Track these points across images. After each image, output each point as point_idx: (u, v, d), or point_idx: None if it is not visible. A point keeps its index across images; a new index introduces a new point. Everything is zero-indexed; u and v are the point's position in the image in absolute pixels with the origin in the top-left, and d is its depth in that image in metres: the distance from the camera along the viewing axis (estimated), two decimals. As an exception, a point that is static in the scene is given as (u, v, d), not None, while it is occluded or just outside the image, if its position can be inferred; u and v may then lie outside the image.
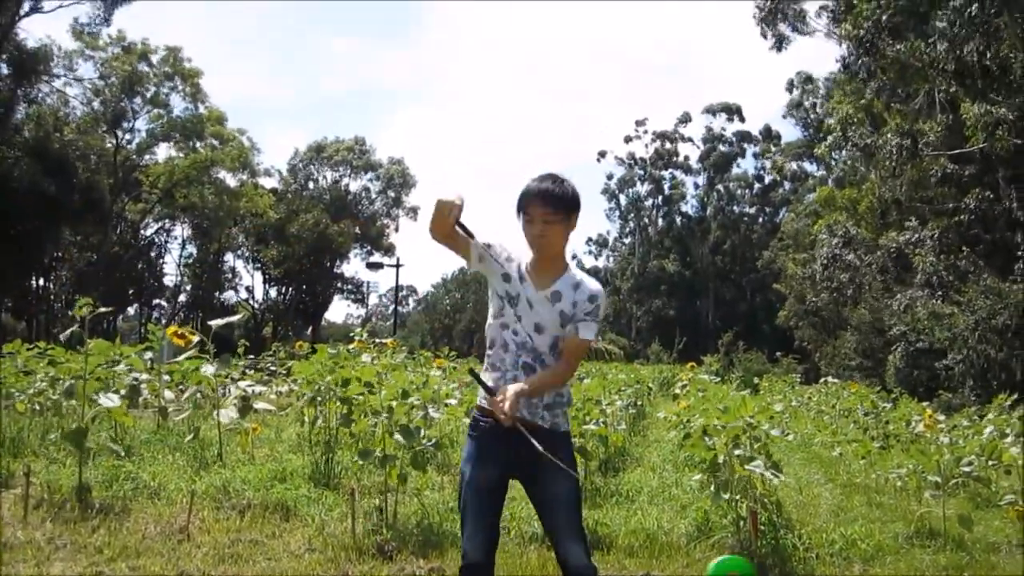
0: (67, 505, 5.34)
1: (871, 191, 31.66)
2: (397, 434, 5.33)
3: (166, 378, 8.71)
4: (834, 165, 42.90)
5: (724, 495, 5.34)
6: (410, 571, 4.64)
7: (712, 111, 69.87)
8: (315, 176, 59.62)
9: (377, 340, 10.30)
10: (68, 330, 5.93)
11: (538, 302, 3.12)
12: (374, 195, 60.12)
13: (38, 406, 8.06)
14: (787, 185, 66.83)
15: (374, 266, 49.59)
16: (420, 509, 5.75)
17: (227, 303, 54.83)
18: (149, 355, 8.20)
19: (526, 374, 3.08)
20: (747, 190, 70.42)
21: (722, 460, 5.54)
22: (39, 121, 36.85)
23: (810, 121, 59.61)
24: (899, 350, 23.74)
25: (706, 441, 5.93)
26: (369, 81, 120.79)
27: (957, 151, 23.84)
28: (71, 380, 6.12)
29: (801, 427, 14.48)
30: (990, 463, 7.69)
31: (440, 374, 10.39)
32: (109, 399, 5.81)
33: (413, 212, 59.80)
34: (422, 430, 5.60)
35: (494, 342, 3.18)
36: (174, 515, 5.31)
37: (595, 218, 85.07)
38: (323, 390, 6.95)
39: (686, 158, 71.02)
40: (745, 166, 70.63)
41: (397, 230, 60.41)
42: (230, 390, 7.79)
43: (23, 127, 36.56)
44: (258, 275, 57.90)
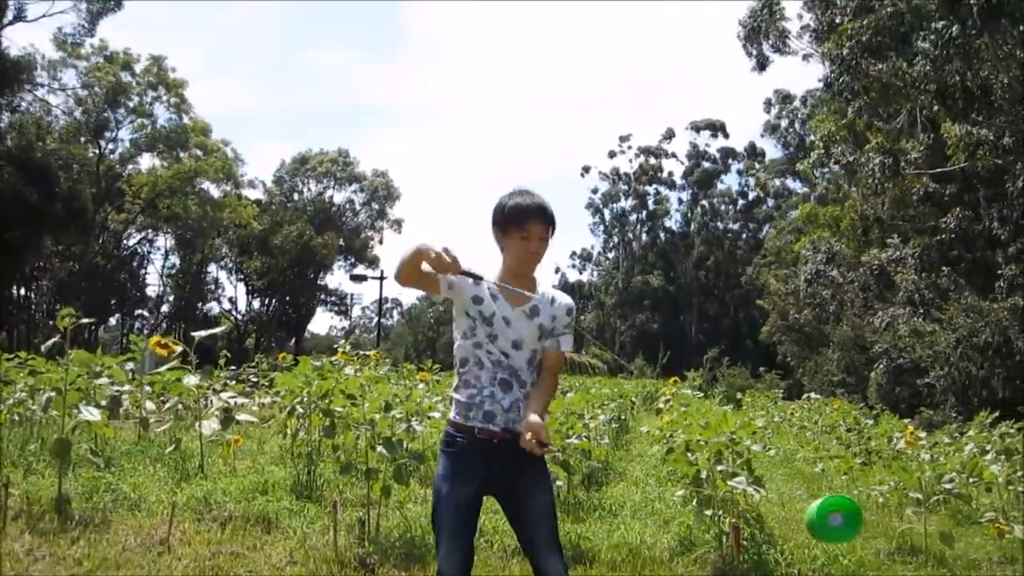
0: (46, 517, 5.28)
1: (853, 209, 31.92)
2: (380, 447, 5.32)
3: (147, 389, 8.65)
4: (817, 183, 43.22)
5: (707, 510, 5.36)
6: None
7: (696, 128, 70.39)
8: (299, 188, 59.54)
9: (360, 352, 10.27)
10: (50, 341, 5.88)
11: (515, 319, 3.14)
12: (358, 207, 60.09)
13: (17, 416, 7.98)
14: (771, 202, 67.30)
15: (358, 278, 49.43)
16: (402, 522, 5.72)
17: (210, 314, 54.57)
18: (131, 366, 8.14)
19: (503, 391, 3.09)
20: (731, 206, 70.85)
21: (705, 475, 5.56)
22: (21, 130, 36.63)
23: (789, 140, 60.15)
24: (881, 367, 23.89)
25: (689, 456, 5.95)
26: (354, 95, 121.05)
27: (939, 170, 24.08)
28: (50, 392, 6.07)
29: (784, 443, 14.53)
30: (971, 480, 7.74)
31: (423, 387, 10.37)
32: (90, 412, 5.76)
33: (397, 224, 59.83)
34: (405, 443, 5.59)
35: (467, 360, 3.18)
36: (154, 527, 5.26)
37: (579, 233, 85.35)
38: (306, 402, 6.91)
39: (670, 174, 71.49)
40: (729, 182, 71.08)
41: (381, 242, 60.38)
42: (212, 401, 7.74)
43: (5, 136, 36.31)
44: (241, 286, 57.73)
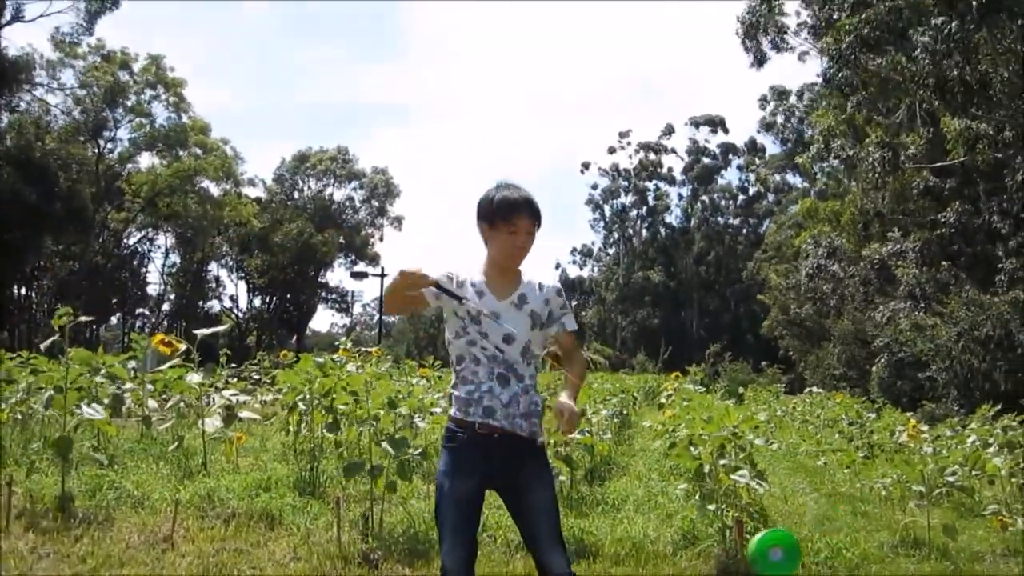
0: (50, 515, 5.30)
1: (853, 203, 31.91)
2: (384, 443, 5.32)
3: (150, 387, 8.65)
4: (817, 178, 43.19)
5: (710, 504, 5.36)
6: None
7: (696, 123, 70.30)
8: (299, 186, 59.50)
9: (362, 349, 10.27)
10: (48, 340, 5.88)
11: (504, 311, 3.14)
12: (358, 204, 60.05)
13: (20, 415, 7.99)
14: (771, 197, 67.26)
15: (359, 275, 49.38)
16: (406, 518, 5.73)
17: (211, 312, 54.54)
18: (132, 364, 8.15)
19: (501, 385, 3.09)
20: (731, 201, 70.81)
21: (707, 469, 5.56)
22: (20, 130, 36.58)
23: (787, 136, 60.16)
24: (883, 361, 23.89)
25: (691, 450, 5.95)
26: (354, 93, 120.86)
27: (938, 164, 24.07)
28: (50, 390, 6.08)
29: (786, 437, 14.54)
30: (973, 473, 7.75)
31: (425, 383, 10.38)
32: (93, 410, 5.76)
33: (397, 222, 59.76)
34: (408, 439, 5.59)
35: (463, 358, 3.18)
36: (158, 524, 5.27)
37: (579, 229, 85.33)
38: (308, 399, 6.92)
39: (670, 169, 71.44)
40: (729, 177, 71.07)
41: (382, 239, 60.36)
42: (214, 399, 7.74)
43: (4, 136, 36.30)
44: (242, 284, 57.67)
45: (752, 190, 69.38)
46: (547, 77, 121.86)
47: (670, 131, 71.07)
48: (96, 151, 42.30)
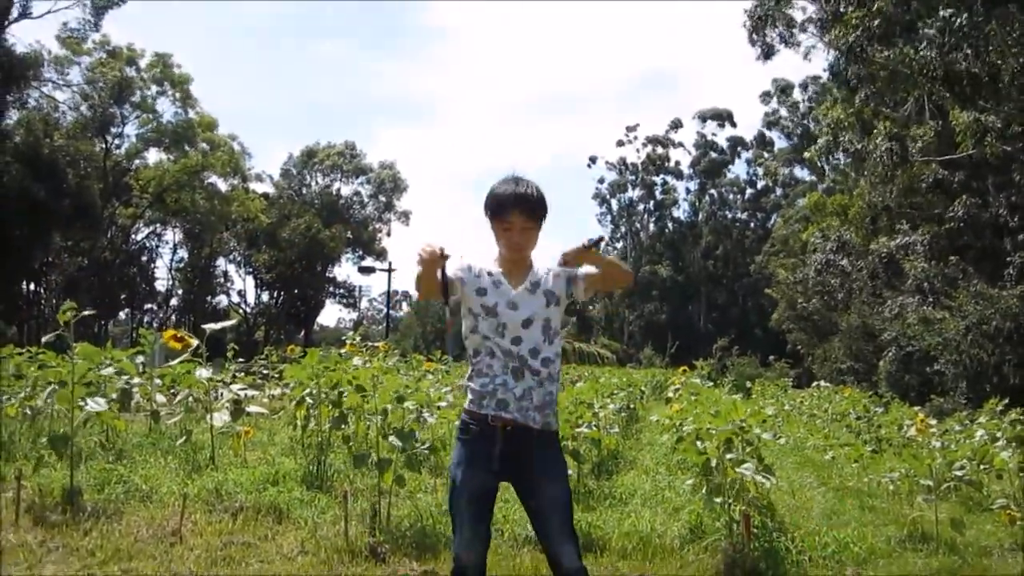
0: (59, 508, 5.32)
1: (861, 197, 31.77)
2: (392, 437, 5.33)
3: (158, 382, 8.68)
4: (826, 175, 43.01)
5: (717, 498, 5.35)
6: (403, 573, 4.62)
7: (703, 117, 70.13)
8: (307, 181, 59.59)
9: (369, 344, 10.29)
10: (52, 334, 5.88)
11: (520, 298, 3.18)
12: (365, 199, 60.13)
13: (29, 410, 8.02)
14: (779, 191, 67.03)
15: (366, 270, 49.48)
16: (413, 511, 5.73)
17: (219, 307, 54.66)
18: (140, 359, 8.17)
19: (515, 379, 3.11)
20: (739, 195, 70.64)
21: (715, 463, 5.55)
22: (29, 127, 36.72)
23: (792, 131, 59.96)
24: (890, 355, 23.83)
25: (698, 445, 5.94)
26: (362, 87, 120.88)
27: (947, 157, 23.96)
28: (54, 385, 6.09)
29: (794, 431, 14.51)
30: (982, 467, 7.73)
31: (432, 377, 10.39)
32: (97, 403, 5.78)
33: (405, 216, 59.86)
34: (416, 433, 5.60)
35: (479, 351, 3.20)
36: (166, 518, 5.28)
37: (586, 222, 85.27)
38: (315, 393, 6.93)
39: (677, 163, 71.25)
40: (737, 171, 70.85)
41: (389, 234, 60.46)
42: (222, 394, 7.76)
43: (13, 133, 36.41)
44: (250, 280, 57.83)
45: (760, 184, 69.18)
46: (554, 71, 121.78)
47: (677, 125, 70.95)
48: (104, 147, 42.42)
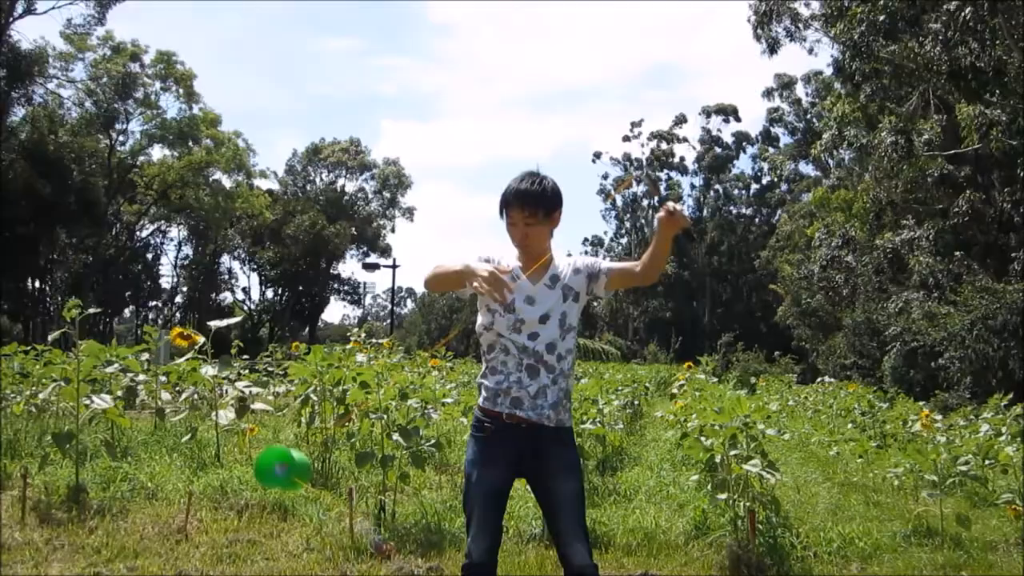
0: (64, 506, 5.33)
1: (866, 192, 31.69)
2: (396, 435, 5.34)
3: (163, 379, 8.69)
4: (831, 171, 42.87)
5: (721, 494, 5.35)
6: (408, 570, 4.63)
7: (708, 112, 69.92)
8: (311, 177, 59.63)
9: (374, 340, 10.31)
10: (58, 332, 5.89)
11: (538, 294, 3.19)
12: (370, 196, 60.17)
13: (34, 408, 8.04)
14: (784, 186, 66.86)
15: (370, 267, 49.49)
16: (419, 508, 5.74)
17: (223, 304, 54.76)
18: (146, 356, 8.18)
19: (530, 377, 3.11)
20: (744, 191, 70.46)
21: (719, 459, 5.55)
22: (34, 123, 36.78)
23: (796, 126, 59.85)
24: (895, 350, 23.80)
25: (703, 441, 5.94)
26: (366, 85, 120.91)
27: (952, 152, 23.89)
28: (59, 382, 6.10)
29: (798, 426, 14.50)
30: (987, 462, 7.72)
31: (436, 374, 10.40)
32: (102, 400, 5.80)
33: (409, 213, 59.92)
34: (420, 430, 5.60)
35: (493, 347, 3.21)
36: (172, 515, 5.30)
37: (590, 218, 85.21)
38: (319, 390, 6.93)
39: (682, 159, 71.05)
40: (742, 166, 70.65)
41: (393, 231, 60.50)
42: (228, 391, 7.77)
43: (18, 130, 36.47)
44: (254, 276, 57.92)
45: (765, 179, 69.03)
46: (559, 67, 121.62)
47: (682, 120, 70.74)
48: (108, 143, 42.46)
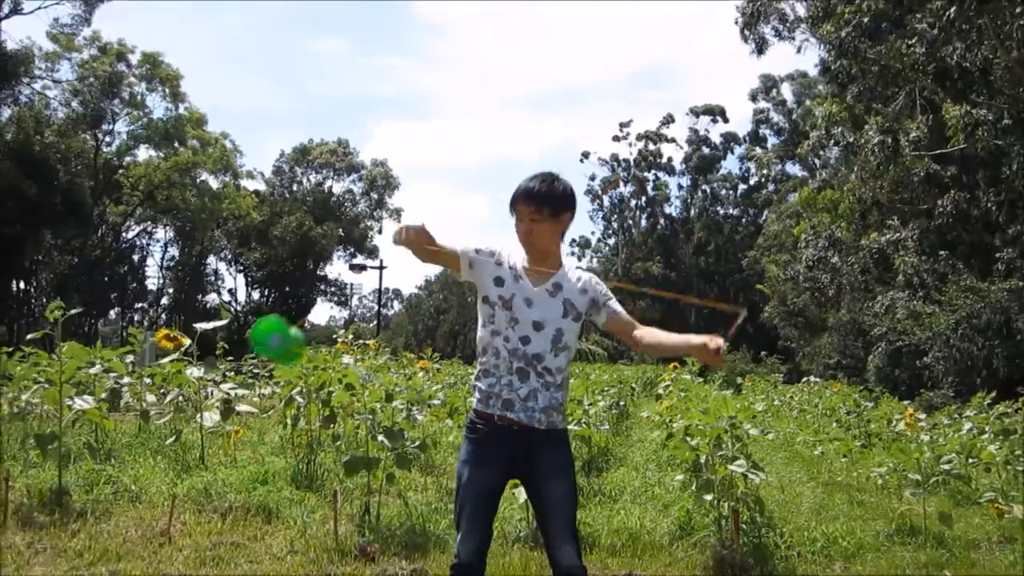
0: (47, 509, 5.29)
1: (852, 192, 31.81)
2: (381, 436, 5.33)
3: (148, 381, 8.65)
4: (816, 168, 43.02)
5: (706, 495, 5.36)
6: (392, 572, 4.62)
7: (696, 113, 70.09)
8: (298, 178, 59.49)
9: (361, 341, 10.29)
10: (39, 333, 5.85)
11: (537, 297, 3.17)
12: (357, 197, 60.05)
13: (16, 410, 7.99)
14: (771, 186, 67.06)
15: (357, 268, 49.36)
16: (403, 510, 5.74)
17: (210, 306, 54.53)
18: (130, 358, 8.14)
19: (520, 380, 3.12)
20: (731, 191, 70.65)
21: (704, 460, 5.56)
22: (20, 123, 36.53)
23: (782, 127, 60.06)
24: (880, 349, 23.91)
25: (688, 441, 5.95)
26: (355, 85, 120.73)
27: (938, 151, 24.01)
28: (41, 384, 6.06)
29: (783, 426, 14.55)
30: (970, 461, 7.77)
31: (423, 375, 10.39)
32: (84, 402, 5.77)
33: (397, 214, 59.77)
34: (406, 432, 5.60)
35: (486, 349, 3.22)
36: (155, 518, 5.27)
37: (578, 219, 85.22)
38: (304, 392, 6.91)
39: (669, 159, 71.16)
40: (729, 167, 70.84)
41: (380, 232, 60.40)
42: (212, 393, 7.74)
43: (4, 130, 36.24)
44: (241, 278, 57.70)
45: (752, 180, 69.24)
46: (549, 68, 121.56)
47: (669, 120, 70.84)
48: (94, 144, 42.24)
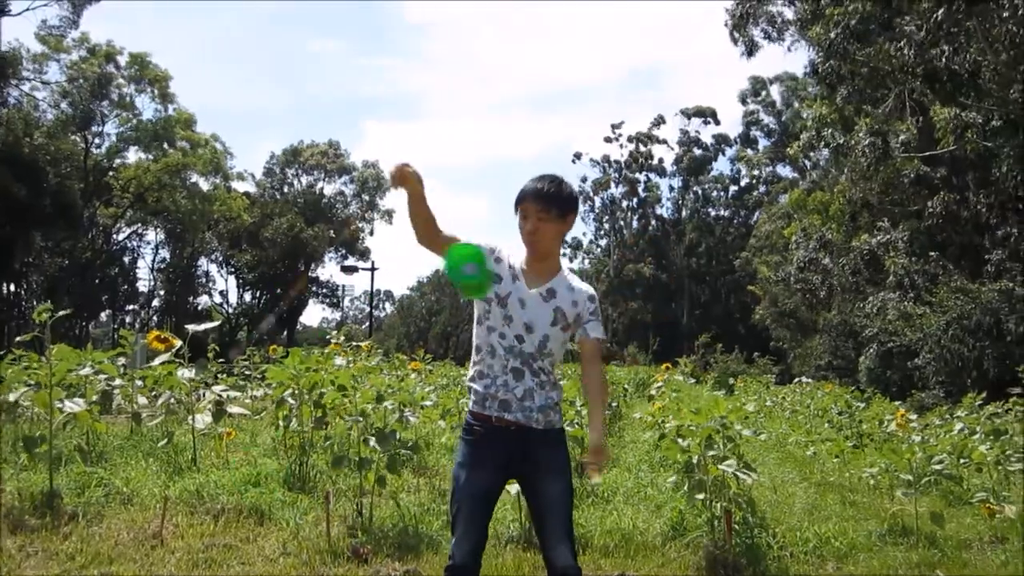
0: (38, 512, 5.27)
1: (842, 193, 31.91)
2: (372, 439, 5.32)
3: (139, 383, 8.61)
4: (807, 169, 43.14)
5: (698, 495, 5.37)
6: (385, 573, 4.62)
7: (687, 114, 70.17)
8: (290, 180, 59.37)
9: (353, 343, 10.27)
10: (29, 335, 5.81)
11: (530, 299, 3.18)
12: (349, 198, 59.96)
13: (6, 413, 7.94)
14: (762, 187, 67.20)
15: (349, 269, 49.30)
16: (396, 512, 5.73)
17: (200, 308, 54.37)
18: (122, 360, 8.10)
19: (516, 379, 3.13)
20: (723, 192, 70.78)
21: (696, 460, 5.57)
22: (9, 125, 36.36)
23: (772, 129, 60.24)
24: (872, 350, 23.98)
25: (680, 442, 5.96)
26: (346, 87, 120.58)
27: (927, 153, 24.11)
28: (30, 387, 6.03)
29: (775, 427, 14.57)
30: (961, 461, 7.80)
31: (416, 376, 10.38)
32: (74, 404, 5.74)
33: (388, 216, 59.71)
34: (398, 433, 5.59)
35: (480, 348, 3.22)
36: (147, 521, 5.25)
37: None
38: (296, 393, 6.90)
39: (660, 161, 71.21)
40: (721, 168, 71.01)
41: (372, 234, 60.34)
42: (205, 395, 7.71)
43: (-7, 133, 36.08)
44: (232, 279, 57.56)
45: (743, 181, 69.38)
46: (540, 69, 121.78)
47: (660, 122, 70.93)
48: (84, 146, 42.09)
